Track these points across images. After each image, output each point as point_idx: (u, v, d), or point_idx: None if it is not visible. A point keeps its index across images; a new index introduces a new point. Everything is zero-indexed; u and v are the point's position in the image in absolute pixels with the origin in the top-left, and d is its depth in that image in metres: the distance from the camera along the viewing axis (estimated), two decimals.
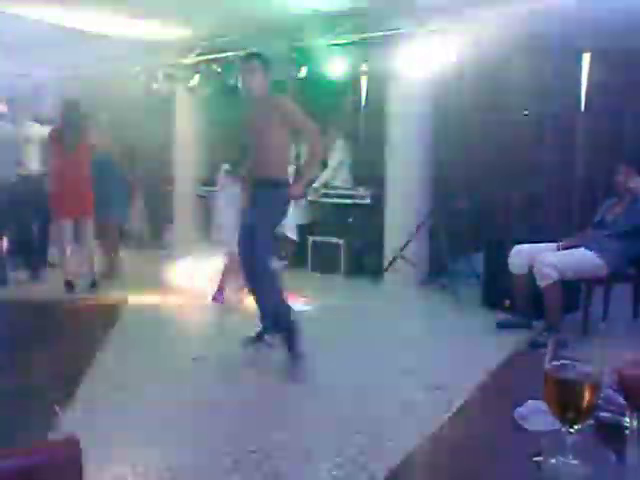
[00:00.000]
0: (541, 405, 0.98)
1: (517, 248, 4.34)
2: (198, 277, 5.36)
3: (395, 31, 5.60)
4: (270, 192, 3.72)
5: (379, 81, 6.16)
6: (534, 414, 1.07)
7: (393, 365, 3.66)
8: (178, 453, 2.54)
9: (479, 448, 1.04)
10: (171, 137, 7.90)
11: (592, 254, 4.03)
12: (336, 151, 6.72)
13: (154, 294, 5.38)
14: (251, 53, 3.93)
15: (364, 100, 7.00)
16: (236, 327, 4.18)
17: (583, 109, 5.72)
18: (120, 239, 6.52)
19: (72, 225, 5.59)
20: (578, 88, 5.66)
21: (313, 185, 6.46)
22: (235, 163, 4.20)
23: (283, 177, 3.81)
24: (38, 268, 6.09)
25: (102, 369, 3.53)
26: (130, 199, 6.59)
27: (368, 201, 6.30)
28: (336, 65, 6.05)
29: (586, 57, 5.46)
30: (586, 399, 0.90)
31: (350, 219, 6.56)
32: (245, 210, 3.97)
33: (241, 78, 3.91)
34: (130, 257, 6.70)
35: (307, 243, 6.53)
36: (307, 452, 2.54)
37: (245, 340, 3.92)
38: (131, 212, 7.03)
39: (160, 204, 8.08)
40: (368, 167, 6.56)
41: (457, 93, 5.67)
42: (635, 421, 0.94)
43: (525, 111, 6.00)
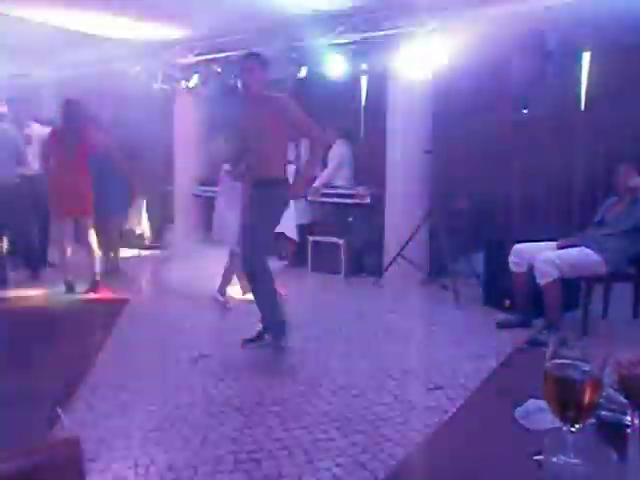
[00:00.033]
0: (542, 404, 0.98)
1: (517, 247, 4.36)
2: (198, 277, 5.35)
3: (395, 31, 5.60)
4: (268, 191, 3.72)
5: (379, 81, 6.16)
6: (535, 413, 1.07)
7: (393, 365, 3.66)
8: (178, 453, 2.54)
9: (479, 447, 1.04)
10: (171, 137, 7.90)
11: (592, 252, 4.04)
12: (336, 151, 6.72)
13: (154, 294, 5.38)
14: (250, 53, 3.93)
15: (364, 100, 7.00)
16: (237, 327, 4.18)
17: (583, 109, 5.72)
18: (120, 239, 6.52)
19: (72, 225, 5.59)
20: (578, 88, 5.66)
21: (313, 185, 6.46)
22: (235, 163, 4.20)
23: (281, 176, 3.81)
24: (38, 268, 6.09)
25: (102, 369, 3.53)
26: (130, 199, 6.58)
27: (368, 201, 6.30)
28: (336, 65, 6.05)
29: (586, 57, 5.45)
30: (586, 398, 0.90)
31: (350, 219, 6.57)
32: (245, 210, 3.98)
33: (240, 78, 3.92)
34: (130, 257, 6.70)
35: (307, 243, 6.53)
36: (307, 452, 2.55)
37: (246, 340, 3.93)
38: (131, 212, 7.03)
39: (160, 204, 8.08)
40: (368, 167, 6.56)
41: (457, 93, 5.66)
42: (636, 420, 0.94)
43: (525, 111, 6.00)
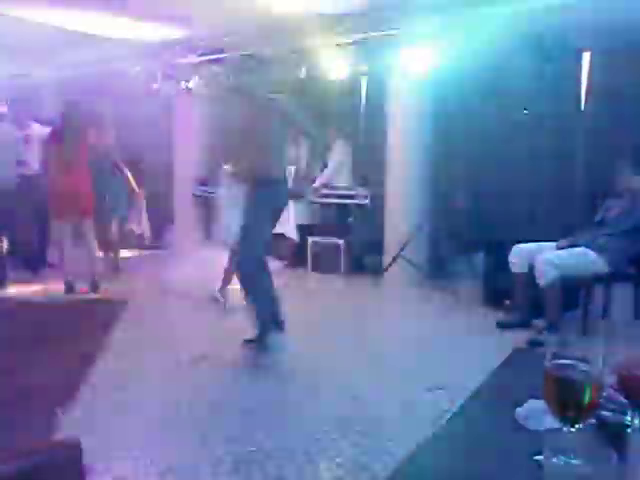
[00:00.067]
0: (542, 404, 0.98)
1: (517, 247, 4.36)
2: (198, 277, 5.35)
3: (395, 31, 5.60)
4: (266, 192, 3.73)
5: (379, 81, 6.16)
6: (535, 413, 1.07)
7: (393, 365, 3.66)
8: (178, 453, 2.54)
9: (480, 448, 1.04)
10: (171, 137, 7.90)
11: (592, 253, 4.04)
12: (336, 151, 6.72)
13: (154, 294, 5.38)
14: (248, 54, 3.95)
15: (364, 100, 7.00)
16: (237, 327, 4.18)
17: (583, 109, 5.72)
18: (120, 239, 6.51)
19: (72, 225, 5.59)
20: (578, 88, 5.65)
21: (313, 185, 6.46)
22: (235, 163, 4.21)
23: (281, 177, 3.81)
24: (37, 268, 6.09)
25: (102, 369, 3.53)
26: (130, 199, 6.58)
27: (368, 201, 6.30)
28: (336, 65, 6.05)
29: (586, 57, 5.45)
30: (586, 398, 0.90)
31: (350, 219, 6.57)
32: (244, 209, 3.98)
33: (239, 78, 3.93)
34: (130, 257, 6.70)
35: (307, 243, 6.53)
36: (307, 452, 2.55)
37: (246, 340, 3.93)
38: (131, 212, 7.02)
39: (160, 204, 8.08)
40: (368, 167, 6.56)
41: (457, 93, 5.66)
42: (637, 420, 0.94)
43: (525, 110, 6.00)
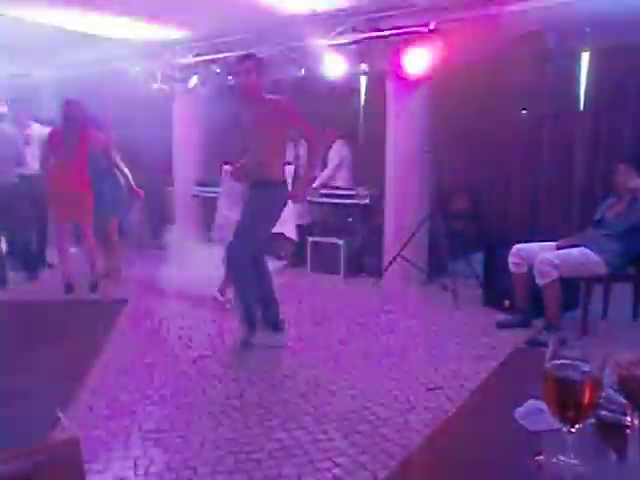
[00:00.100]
0: (541, 404, 0.98)
1: (517, 247, 4.36)
2: (198, 277, 5.35)
3: (395, 31, 5.60)
4: (265, 193, 3.73)
5: (379, 81, 6.15)
6: (535, 413, 1.07)
7: (393, 365, 3.66)
8: (178, 453, 2.54)
9: (479, 448, 1.04)
10: (171, 137, 7.90)
11: (591, 253, 4.04)
12: (336, 151, 6.72)
13: (154, 294, 5.38)
14: (246, 54, 3.95)
15: (364, 100, 7.00)
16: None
17: (583, 109, 5.72)
18: (120, 239, 6.51)
19: (71, 226, 5.58)
20: (578, 88, 5.66)
21: (313, 185, 6.46)
22: (235, 163, 4.21)
23: (279, 178, 3.82)
24: (37, 269, 6.08)
25: (102, 369, 3.53)
26: (130, 199, 6.58)
27: (368, 201, 6.30)
28: (336, 65, 6.05)
29: (585, 56, 5.45)
30: (586, 398, 0.90)
31: (350, 219, 6.56)
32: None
33: (237, 79, 3.94)
34: (130, 257, 6.70)
35: (307, 243, 6.53)
36: (307, 452, 2.55)
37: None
38: (131, 212, 7.02)
39: (160, 204, 8.07)
40: (368, 167, 6.56)
41: (457, 93, 5.66)
42: (636, 420, 0.94)
43: (524, 110, 6.00)
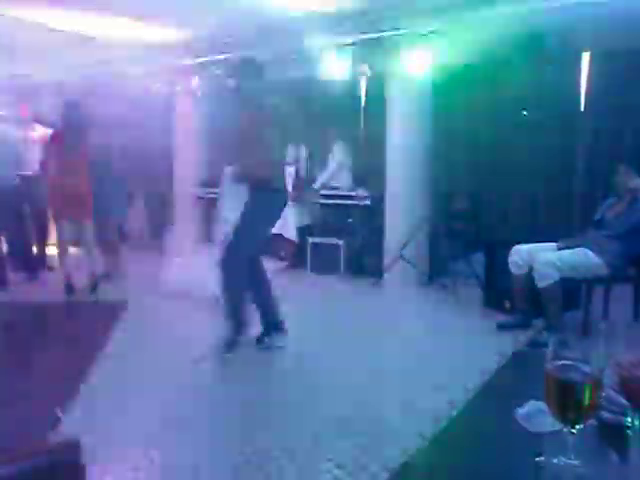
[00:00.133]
0: (542, 405, 0.98)
1: (517, 248, 4.35)
2: (199, 277, 5.34)
3: (395, 31, 5.60)
4: (261, 196, 3.74)
5: (379, 81, 6.15)
6: (535, 414, 1.07)
7: (393, 365, 3.66)
8: (178, 453, 2.54)
9: (480, 449, 1.04)
10: (171, 138, 7.90)
11: (592, 253, 4.03)
12: (336, 152, 6.72)
13: (154, 294, 5.37)
14: (244, 58, 3.98)
15: (364, 100, 7.00)
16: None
17: (583, 109, 5.72)
18: (120, 239, 6.51)
19: (72, 226, 5.58)
20: (578, 88, 5.66)
21: (313, 186, 6.46)
22: (235, 165, 4.22)
23: (277, 181, 3.83)
24: (37, 270, 6.08)
25: (102, 369, 3.53)
26: (130, 199, 6.58)
27: (368, 202, 6.30)
28: (336, 65, 6.05)
29: (586, 57, 5.45)
30: (587, 399, 0.90)
31: (350, 220, 6.56)
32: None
33: (235, 82, 3.95)
34: (130, 257, 6.70)
35: (307, 244, 6.53)
36: (308, 452, 2.54)
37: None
38: (131, 212, 7.02)
39: (160, 205, 8.07)
40: (368, 168, 6.56)
41: (457, 93, 5.66)
42: (637, 421, 0.94)
43: (524, 111, 6.00)
